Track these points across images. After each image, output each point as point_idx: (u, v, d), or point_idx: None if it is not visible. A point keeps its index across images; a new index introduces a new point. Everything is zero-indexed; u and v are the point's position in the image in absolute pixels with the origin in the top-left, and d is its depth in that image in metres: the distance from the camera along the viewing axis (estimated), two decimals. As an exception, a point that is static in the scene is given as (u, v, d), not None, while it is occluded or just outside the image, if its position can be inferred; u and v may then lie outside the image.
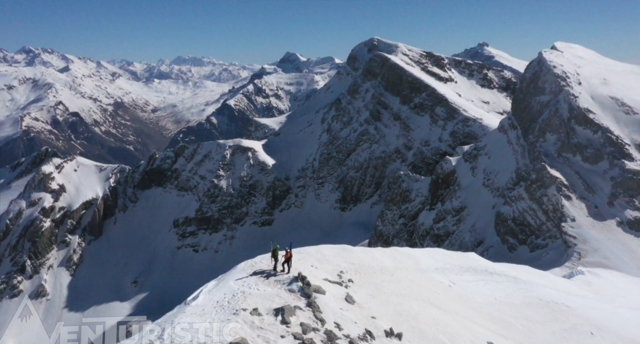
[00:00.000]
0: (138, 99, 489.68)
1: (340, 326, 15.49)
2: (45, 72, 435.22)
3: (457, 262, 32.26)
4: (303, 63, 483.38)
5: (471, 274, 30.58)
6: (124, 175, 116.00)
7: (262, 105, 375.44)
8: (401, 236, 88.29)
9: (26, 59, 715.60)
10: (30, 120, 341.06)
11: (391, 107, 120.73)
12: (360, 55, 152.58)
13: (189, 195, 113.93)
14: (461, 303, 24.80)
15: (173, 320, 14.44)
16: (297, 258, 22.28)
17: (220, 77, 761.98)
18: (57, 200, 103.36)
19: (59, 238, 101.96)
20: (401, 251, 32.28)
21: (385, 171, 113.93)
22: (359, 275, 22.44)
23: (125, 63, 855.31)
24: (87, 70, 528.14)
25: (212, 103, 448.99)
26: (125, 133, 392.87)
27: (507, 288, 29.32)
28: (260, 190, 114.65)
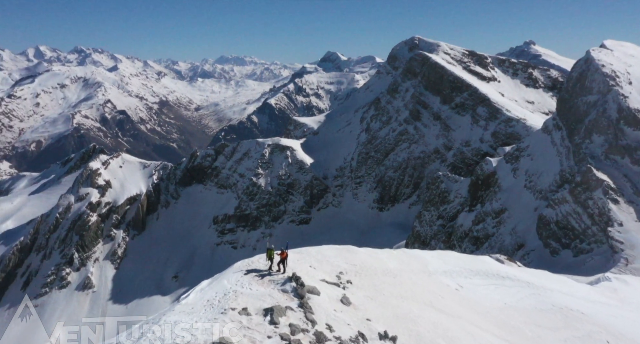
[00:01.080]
0: (182, 98, 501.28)
1: (331, 328, 15.26)
2: (95, 71, 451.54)
3: (468, 265, 31.53)
4: (344, 63, 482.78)
5: (481, 278, 29.81)
6: (167, 172, 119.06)
7: (302, 104, 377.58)
8: (439, 238, 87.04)
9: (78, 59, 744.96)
10: (81, 118, 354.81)
11: (431, 106, 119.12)
12: (401, 54, 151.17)
13: (229, 192, 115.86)
14: (467, 307, 24.16)
15: (160, 318, 14.44)
16: (296, 258, 22.20)
17: (262, 76, 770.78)
18: (103, 196, 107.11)
19: (104, 232, 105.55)
20: (409, 253, 31.85)
21: (424, 171, 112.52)
22: (358, 277, 22.16)
23: (171, 62, 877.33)
24: (134, 70, 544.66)
25: (253, 102, 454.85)
26: (169, 131, 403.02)
27: (518, 293, 28.43)
28: (298, 189, 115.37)
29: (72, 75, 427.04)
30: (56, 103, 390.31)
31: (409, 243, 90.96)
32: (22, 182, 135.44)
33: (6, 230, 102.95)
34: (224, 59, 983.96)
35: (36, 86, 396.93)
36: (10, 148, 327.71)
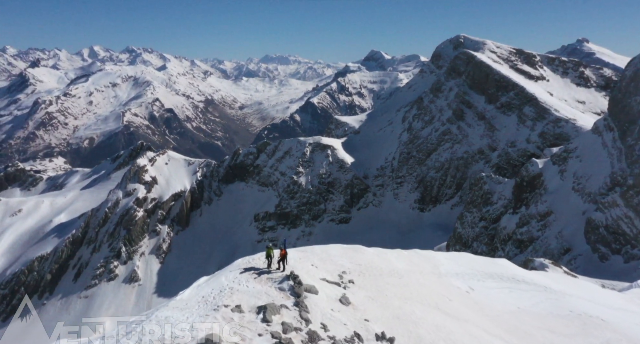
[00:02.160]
0: (227, 96, 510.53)
1: (326, 328, 15.09)
2: (144, 71, 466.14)
3: (482, 268, 30.68)
4: (387, 62, 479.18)
5: (495, 281, 28.90)
6: (210, 169, 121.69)
7: (344, 103, 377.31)
8: (481, 240, 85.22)
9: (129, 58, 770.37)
10: (131, 116, 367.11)
11: (475, 106, 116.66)
12: (445, 53, 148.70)
13: (270, 190, 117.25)
14: (476, 310, 23.46)
15: (152, 314, 14.46)
16: (299, 256, 22.13)
17: (305, 75, 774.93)
18: (149, 191, 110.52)
19: (150, 227, 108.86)
20: (421, 254, 31.07)
21: (467, 172, 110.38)
22: (362, 276, 21.85)
23: (217, 61, 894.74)
24: (181, 69, 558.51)
25: (296, 101, 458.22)
26: (214, 129, 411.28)
27: (533, 297, 27.38)
28: (338, 188, 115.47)
29: (123, 74, 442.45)
30: (108, 101, 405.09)
31: (449, 245, 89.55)
32: (75, 177, 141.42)
33: (59, 223, 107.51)
34: (269, 58, 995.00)
35: (90, 85, 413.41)
36: (65, 145, 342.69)
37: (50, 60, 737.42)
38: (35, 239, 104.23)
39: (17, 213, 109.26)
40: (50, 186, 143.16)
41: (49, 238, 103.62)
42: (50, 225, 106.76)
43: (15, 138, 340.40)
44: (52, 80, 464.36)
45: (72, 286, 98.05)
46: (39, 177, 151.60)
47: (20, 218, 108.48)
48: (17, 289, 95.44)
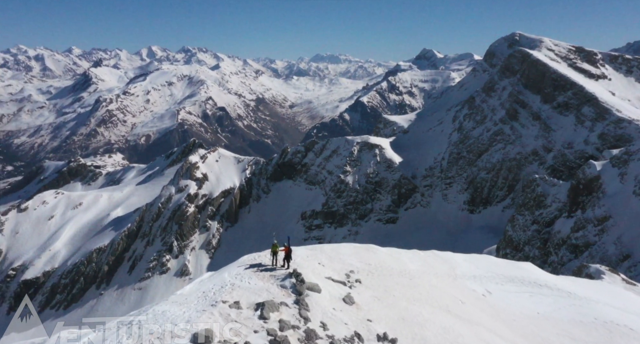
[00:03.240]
0: (277, 95, 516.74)
1: (326, 326, 14.86)
2: (199, 70, 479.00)
3: (502, 271, 29.53)
4: (440, 60, 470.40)
5: (515, 284, 27.73)
6: (259, 167, 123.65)
7: (394, 103, 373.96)
8: (533, 244, 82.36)
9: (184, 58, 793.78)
10: (185, 114, 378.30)
11: (530, 105, 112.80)
12: (499, 51, 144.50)
13: (317, 188, 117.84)
14: (491, 314, 22.61)
15: (151, 308, 14.56)
16: (307, 254, 22.04)
17: (355, 74, 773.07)
18: (200, 188, 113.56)
19: (200, 223, 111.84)
20: (439, 255, 30.32)
21: (520, 173, 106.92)
22: (371, 276, 21.51)
23: (268, 61, 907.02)
24: (234, 68, 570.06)
25: (345, 100, 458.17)
26: (264, 128, 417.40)
27: (555, 303, 25.98)
28: (385, 188, 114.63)
29: (178, 74, 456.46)
30: (164, 100, 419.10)
31: (500, 248, 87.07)
32: (132, 173, 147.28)
33: (116, 217, 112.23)
34: (319, 57, 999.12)
35: (147, 84, 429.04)
36: (123, 141, 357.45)
37: (111, 60, 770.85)
38: (94, 231, 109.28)
39: (77, 207, 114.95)
40: (108, 181, 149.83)
41: (106, 231, 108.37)
42: (107, 218, 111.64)
43: (78, 135, 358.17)
44: (112, 79, 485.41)
45: (127, 278, 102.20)
46: (99, 172, 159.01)
47: (80, 211, 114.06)
48: (77, 279, 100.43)
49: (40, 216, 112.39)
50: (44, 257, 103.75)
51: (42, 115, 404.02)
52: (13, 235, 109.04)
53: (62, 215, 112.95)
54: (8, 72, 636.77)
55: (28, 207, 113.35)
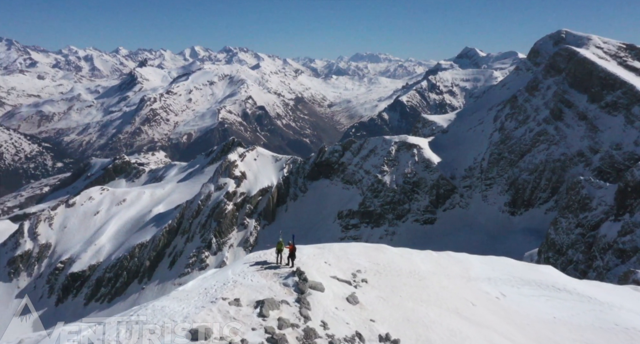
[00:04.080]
0: (316, 94, 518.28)
1: (326, 325, 14.70)
2: (239, 69, 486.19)
3: (519, 274, 28.51)
4: (482, 59, 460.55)
5: (532, 288, 26.67)
6: (296, 166, 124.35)
7: (434, 102, 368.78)
8: (577, 248, 79.66)
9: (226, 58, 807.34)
10: (225, 113, 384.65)
11: (576, 105, 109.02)
12: (544, 49, 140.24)
13: (354, 188, 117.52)
14: (503, 317, 21.87)
15: (151, 303, 14.55)
16: (314, 253, 21.87)
17: (395, 73, 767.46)
18: (238, 186, 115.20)
19: (238, 221, 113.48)
20: (453, 256, 29.57)
21: (565, 175, 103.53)
22: (378, 276, 21.17)
23: (308, 60, 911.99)
24: (274, 67, 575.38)
25: (384, 99, 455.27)
26: (303, 127, 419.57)
27: (574, 308, 24.88)
28: (423, 188, 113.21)
29: (219, 73, 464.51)
30: (205, 99, 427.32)
31: (541, 251, 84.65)
32: (173, 171, 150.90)
33: (158, 213, 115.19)
34: (359, 57, 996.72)
35: (189, 83, 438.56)
36: (166, 140, 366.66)
37: (156, 60, 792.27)
38: (136, 227, 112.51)
39: (121, 203, 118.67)
40: (151, 178, 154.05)
41: (148, 226, 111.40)
42: (150, 214, 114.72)
43: (124, 133, 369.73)
44: (157, 78, 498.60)
45: (167, 273, 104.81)
46: (142, 170, 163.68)
47: (124, 207, 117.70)
48: (121, 273, 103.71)
49: (87, 212, 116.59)
50: (89, 251, 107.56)
51: (90, 113, 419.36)
52: (62, 229, 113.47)
53: (107, 210, 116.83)
54: (60, 72, 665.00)
55: (75, 203, 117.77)
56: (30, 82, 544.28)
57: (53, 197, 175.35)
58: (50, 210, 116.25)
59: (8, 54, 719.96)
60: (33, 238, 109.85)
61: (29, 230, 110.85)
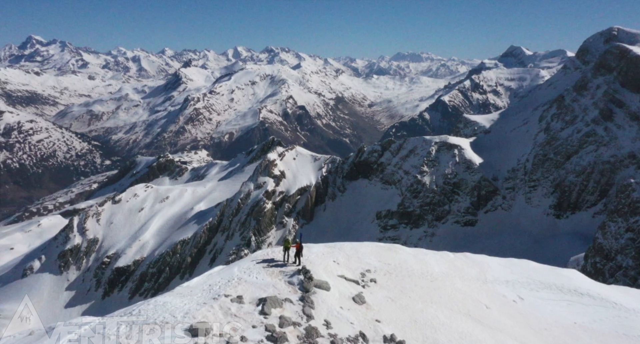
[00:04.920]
0: (357, 94, 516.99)
1: (329, 325, 14.45)
2: (280, 69, 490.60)
3: (540, 277, 27.35)
4: (528, 58, 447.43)
5: (552, 292, 25.53)
6: (335, 165, 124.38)
7: (477, 102, 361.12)
8: (627, 253, 76.31)
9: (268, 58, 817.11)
10: (266, 112, 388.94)
11: (628, 105, 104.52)
12: (594, 47, 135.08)
13: (393, 188, 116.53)
14: (519, 321, 21.05)
15: (154, 299, 14.53)
16: (323, 252, 21.62)
17: (437, 73, 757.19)
18: (277, 185, 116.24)
19: (277, 219, 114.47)
20: (470, 258, 28.53)
21: (614, 177, 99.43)
22: (388, 276, 20.77)
23: (349, 59, 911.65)
24: (315, 67, 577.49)
25: (426, 99, 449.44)
26: (343, 127, 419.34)
27: (596, 313, 23.67)
28: (464, 189, 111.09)
29: (261, 73, 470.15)
30: (247, 98, 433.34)
31: (588, 256, 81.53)
32: (214, 169, 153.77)
33: (199, 211, 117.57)
34: (400, 56, 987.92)
35: (232, 83, 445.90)
36: (208, 138, 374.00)
37: (200, 60, 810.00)
38: (178, 224, 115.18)
39: (165, 200, 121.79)
40: (193, 177, 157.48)
41: (190, 224, 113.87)
42: (191, 212, 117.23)
43: (168, 132, 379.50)
44: (200, 78, 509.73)
45: (208, 270, 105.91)
46: (185, 168, 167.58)
47: (167, 204, 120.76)
48: (163, 268, 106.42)
49: (132, 208, 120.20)
50: (134, 247, 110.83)
51: (136, 113, 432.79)
52: (108, 225, 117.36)
53: (150, 207, 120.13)
54: (109, 73, 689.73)
55: (121, 199, 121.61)
56: (82, 82, 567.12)
57: (101, 194, 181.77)
58: (98, 206, 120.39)
59: (62, 56, 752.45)
60: (82, 233, 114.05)
61: (78, 225, 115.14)
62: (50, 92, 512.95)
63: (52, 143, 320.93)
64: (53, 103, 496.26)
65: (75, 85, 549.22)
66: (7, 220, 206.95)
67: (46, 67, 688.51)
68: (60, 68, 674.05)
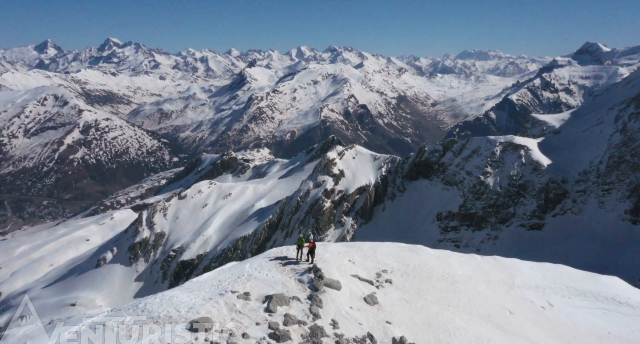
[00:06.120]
0: (419, 93, 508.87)
1: (336, 325, 14.13)
2: (343, 68, 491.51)
3: (574, 283, 25.41)
4: (605, 54, 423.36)
5: (587, 299, 23.65)
6: (394, 165, 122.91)
7: (548, 101, 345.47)
8: None
9: (330, 57, 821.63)
10: (327, 111, 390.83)
11: None
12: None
13: (454, 189, 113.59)
14: (546, 328, 19.64)
15: (161, 293, 14.52)
16: (339, 251, 21.14)
17: (505, 71, 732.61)
18: (336, 184, 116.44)
19: (336, 218, 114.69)
20: (499, 261, 27.02)
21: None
22: (405, 277, 20.08)
23: (412, 58, 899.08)
24: (377, 66, 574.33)
25: (492, 98, 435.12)
26: (405, 126, 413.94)
27: (635, 324, 21.67)
28: (530, 191, 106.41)
29: (323, 72, 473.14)
30: (309, 97, 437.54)
31: (667, 266, 75.99)
32: (275, 167, 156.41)
33: (260, 208, 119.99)
34: (466, 54, 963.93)
35: (294, 82, 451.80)
36: (271, 137, 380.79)
37: (264, 60, 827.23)
38: (240, 220, 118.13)
39: (227, 197, 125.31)
40: (255, 174, 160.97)
41: (250, 220, 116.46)
42: (252, 209, 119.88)
43: (232, 130, 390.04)
44: (264, 78, 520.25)
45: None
46: (247, 166, 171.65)
47: (229, 201, 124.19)
48: (225, 263, 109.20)
49: (196, 204, 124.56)
50: (198, 241, 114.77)
51: (203, 111, 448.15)
52: (174, 219, 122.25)
53: (214, 203, 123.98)
54: (179, 73, 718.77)
55: (187, 195, 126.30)
56: (153, 82, 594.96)
57: (168, 189, 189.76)
58: (165, 202, 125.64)
59: (136, 57, 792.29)
60: (150, 226, 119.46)
61: (147, 219, 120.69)
62: (125, 92, 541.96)
63: (125, 141, 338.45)
64: (127, 102, 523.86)
65: (147, 85, 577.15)
66: (84, 212, 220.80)
67: (121, 67, 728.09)
68: (134, 69, 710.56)
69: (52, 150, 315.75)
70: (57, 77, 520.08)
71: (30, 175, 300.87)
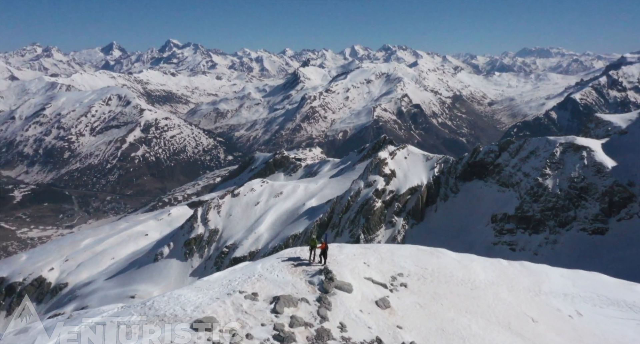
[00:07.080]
0: (476, 92, 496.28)
1: (344, 328, 13.81)
2: (396, 67, 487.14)
3: (607, 292, 23.60)
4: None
5: (620, 309, 21.83)
6: (447, 165, 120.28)
7: (615, 100, 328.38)
8: None
9: (384, 56, 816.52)
10: (380, 111, 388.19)
11: None
12: None
13: (510, 191, 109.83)
14: (572, 338, 18.32)
15: (170, 291, 14.48)
16: (355, 253, 20.74)
17: (568, 69, 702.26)
18: (387, 184, 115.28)
19: (386, 219, 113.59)
20: (526, 267, 25.50)
21: None
22: (422, 281, 19.36)
23: (469, 57, 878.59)
24: (432, 65, 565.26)
25: (554, 97, 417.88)
26: (460, 126, 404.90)
27: None
28: (593, 194, 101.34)
29: (377, 71, 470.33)
30: (362, 97, 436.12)
31: None
32: (327, 166, 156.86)
33: (310, 207, 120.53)
34: (526, 52, 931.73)
35: (347, 82, 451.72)
36: (323, 136, 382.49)
37: (318, 59, 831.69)
38: (291, 219, 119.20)
39: (278, 195, 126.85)
40: (306, 173, 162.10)
41: (301, 219, 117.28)
42: (303, 207, 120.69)
43: (285, 130, 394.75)
44: (317, 77, 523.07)
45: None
46: (299, 164, 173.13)
47: (281, 199, 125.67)
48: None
49: (249, 202, 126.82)
50: (250, 239, 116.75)
51: (257, 111, 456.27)
52: (227, 216, 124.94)
53: (266, 202, 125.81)
54: (234, 73, 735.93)
55: (240, 193, 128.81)
56: (210, 82, 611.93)
57: (223, 187, 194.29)
58: (219, 199, 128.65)
59: (194, 57, 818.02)
60: (204, 223, 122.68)
61: (202, 216, 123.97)
62: (183, 92, 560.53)
63: (183, 139, 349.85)
64: (185, 101, 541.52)
65: (204, 85, 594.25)
66: (144, 208, 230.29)
67: (181, 68, 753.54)
68: (192, 69, 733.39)
69: (115, 147, 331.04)
70: (120, 78, 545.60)
71: (95, 172, 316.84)
